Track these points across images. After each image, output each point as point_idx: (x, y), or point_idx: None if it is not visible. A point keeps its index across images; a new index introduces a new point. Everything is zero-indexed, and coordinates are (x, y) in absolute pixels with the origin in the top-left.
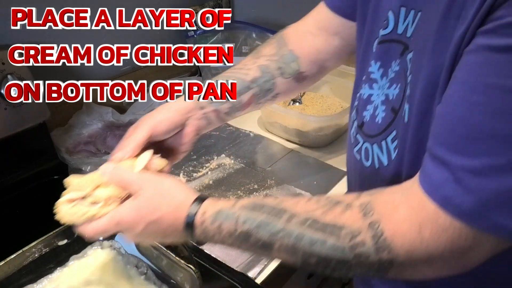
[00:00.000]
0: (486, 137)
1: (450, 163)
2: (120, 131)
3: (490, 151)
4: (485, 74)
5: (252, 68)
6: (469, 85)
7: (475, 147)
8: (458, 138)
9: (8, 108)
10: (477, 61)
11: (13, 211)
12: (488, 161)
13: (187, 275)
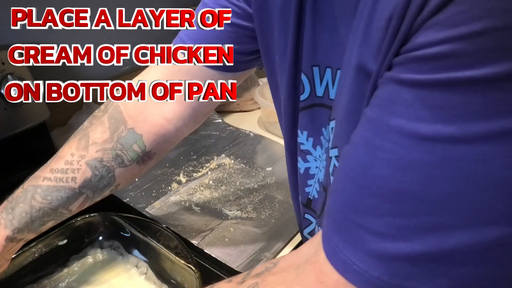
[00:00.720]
0: (388, 193)
1: (364, 226)
2: None
3: (395, 210)
4: (391, 113)
5: (80, 168)
6: (374, 124)
7: (376, 204)
8: (358, 191)
9: (8, 108)
10: (385, 97)
11: None
12: (394, 221)
13: (187, 275)
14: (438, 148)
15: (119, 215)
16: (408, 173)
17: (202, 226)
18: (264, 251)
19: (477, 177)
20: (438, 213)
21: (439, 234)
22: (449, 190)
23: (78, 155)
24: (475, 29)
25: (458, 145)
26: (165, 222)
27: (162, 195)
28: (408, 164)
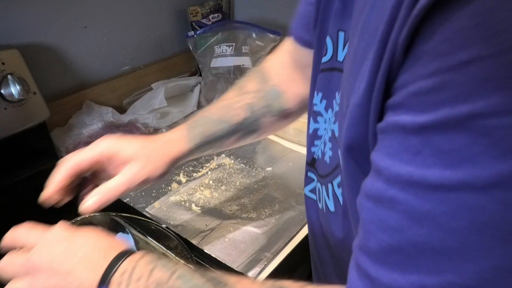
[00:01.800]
0: (412, 248)
1: (372, 277)
2: (120, 131)
3: (418, 266)
4: (401, 161)
5: (240, 108)
6: (385, 175)
7: (400, 260)
8: (380, 245)
9: (8, 108)
10: (392, 145)
11: (13, 211)
12: (418, 279)
13: None
14: (450, 197)
15: (119, 215)
16: (424, 226)
17: (202, 226)
18: (264, 251)
19: (495, 226)
20: (459, 270)
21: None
22: (468, 242)
23: (237, 99)
24: (463, 58)
25: (470, 192)
26: (165, 222)
27: (162, 195)
28: (423, 215)
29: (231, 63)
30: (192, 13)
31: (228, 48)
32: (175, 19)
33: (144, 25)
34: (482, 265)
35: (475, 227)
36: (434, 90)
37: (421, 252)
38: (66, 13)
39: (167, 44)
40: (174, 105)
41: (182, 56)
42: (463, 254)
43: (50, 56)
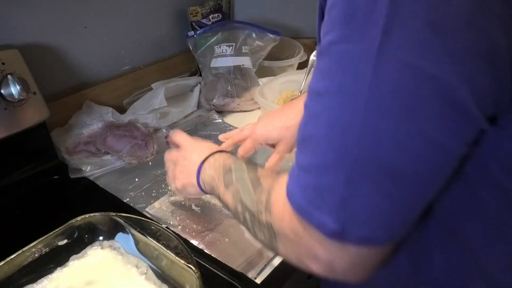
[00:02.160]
0: (308, 138)
1: (297, 161)
2: (120, 131)
3: (312, 150)
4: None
5: None
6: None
7: (305, 148)
8: (299, 139)
9: (8, 108)
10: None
11: (13, 211)
12: (311, 160)
13: (187, 275)
14: (321, 100)
15: (119, 215)
16: (310, 122)
17: (202, 226)
18: (264, 251)
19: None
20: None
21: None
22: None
23: None
24: (329, 5)
25: (323, 98)
26: (165, 222)
27: (162, 195)
28: (312, 114)
29: (231, 63)
30: (192, 13)
31: (228, 48)
32: (175, 19)
33: (144, 25)
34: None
35: (329, 122)
36: (323, 27)
37: (311, 141)
38: (66, 13)
39: (167, 44)
40: (174, 105)
41: (182, 56)
42: (326, 140)
43: (50, 56)
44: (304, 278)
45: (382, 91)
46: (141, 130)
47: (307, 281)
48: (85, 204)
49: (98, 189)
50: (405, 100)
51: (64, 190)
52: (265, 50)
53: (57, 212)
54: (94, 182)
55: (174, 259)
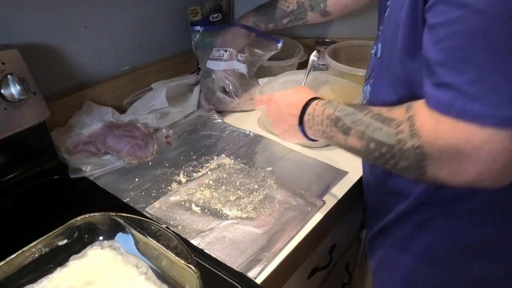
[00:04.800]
0: (470, 55)
1: (452, 83)
2: (120, 131)
3: (476, 63)
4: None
5: (292, 2)
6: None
7: (465, 66)
8: (452, 62)
9: (8, 108)
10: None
11: (13, 211)
12: (478, 72)
13: (187, 275)
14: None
15: (119, 215)
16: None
17: (202, 226)
18: (264, 251)
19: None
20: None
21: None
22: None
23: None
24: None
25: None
26: (165, 222)
27: (162, 195)
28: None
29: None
30: (192, 13)
31: (225, 53)
32: (175, 19)
33: (144, 25)
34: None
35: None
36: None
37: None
38: (66, 13)
39: (167, 44)
40: (174, 105)
41: (182, 56)
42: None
43: (50, 56)
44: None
45: None
46: (141, 130)
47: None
48: (85, 204)
49: (98, 189)
50: None
51: (64, 190)
52: (264, 56)
53: (57, 212)
54: (94, 182)
55: (174, 259)
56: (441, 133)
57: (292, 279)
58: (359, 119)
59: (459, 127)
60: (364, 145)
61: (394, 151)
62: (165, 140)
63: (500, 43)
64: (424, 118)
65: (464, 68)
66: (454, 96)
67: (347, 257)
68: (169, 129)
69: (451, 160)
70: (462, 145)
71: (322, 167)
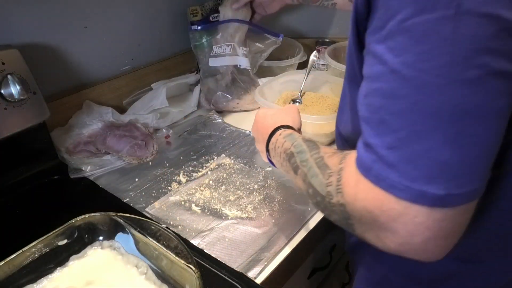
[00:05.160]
0: (388, 117)
1: (373, 144)
2: (120, 131)
3: (396, 126)
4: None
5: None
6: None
7: (385, 128)
8: (374, 124)
9: (8, 108)
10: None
11: (13, 211)
12: (398, 135)
13: (187, 275)
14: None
15: (119, 215)
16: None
17: (202, 226)
18: (264, 251)
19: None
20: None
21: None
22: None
23: None
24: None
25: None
26: (165, 222)
27: (162, 195)
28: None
29: (227, 63)
30: (192, 13)
31: (227, 47)
32: (175, 19)
33: (144, 25)
34: (427, 112)
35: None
36: (380, 15)
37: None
38: (66, 13)
39: (167, 44)
40: (174, 105)
41: (182, 56)
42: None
43: (50, 56)
44: (304, 278)
45: (465, 45)
46: (141, 130)
47: (306, 281)
48: (85, 204)
49: (98, 189)
50: (488, 46)
51: (64, 190)
52: (266, 52)
53: (57, 212)
54: (94, 182)
55: (174, 259)
56: (359, 195)
57: (292, 279)
58: (306, 160)
59: (376, 193)
60: (305, 189)
61: (325, 203)
62: (165, 140)
63: (415, 110)
64: (349, 175)
65: (384, 131)
66: (374, 160)
67: (347, 257)
68: (169, 129)
69: (371, 225)
70: (378, 213)
71: None
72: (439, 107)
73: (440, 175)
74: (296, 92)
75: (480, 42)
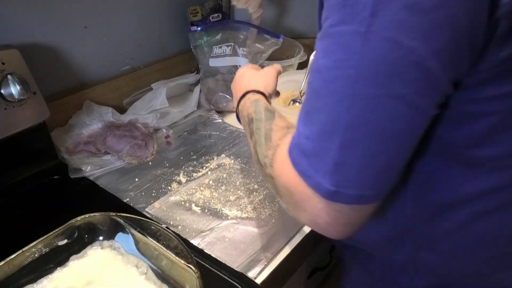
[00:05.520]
0: (310, 110)
1: (299, 130)
2: (120, 131)
3: (313, 121)
4: (314, 59)
5: None
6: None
7: (308, 119)
8: (303, 113)
9: (8, 108)
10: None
11: (13, 211)
12: (312, 129)
13: (187, 275)
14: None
15: (119, 215)
16: (311, 97)
17: (202, 226)
18: (264, 251)
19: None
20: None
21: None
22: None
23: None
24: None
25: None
26: (165, 222)
27: (162, 195)
28: (313, 90)
29: (228, 63)
30: (192, 13)
31: (227, 48)
32: (175, 19)
33: (144, 25)
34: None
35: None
36: (323, 13)
37: (311, 112)
38: (66, 13)
39: (167, 44)
40: (174, 105)
41: (182, 56)
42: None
43: (50, 56)
44: (304, 278)
45: (369, 64)
46: (141, 130)
47: (306, 281)
48: (85, 204)
49: (98, 189)
50: (389, 69)
51: (64, 190)
52: (266, 52)
53: (57, 212)
54: (94, 182)
55: (174, 259)
56: (283, 173)
57: (292, 279)
58: (259, 128)
59: (294, 174)
60: (253, 154)
61: (262, 171)
62: (165, 140)
63: (326, 112)
64: (281, 153)
65: (307, 122)
66: (295, 144)
67: None
68: (169, 129)
69: (290, 201)
70: (293, 192)
71: None
72: (340, 114)
73: (334, 173)
74: (296, 92)
75: (382, 63)
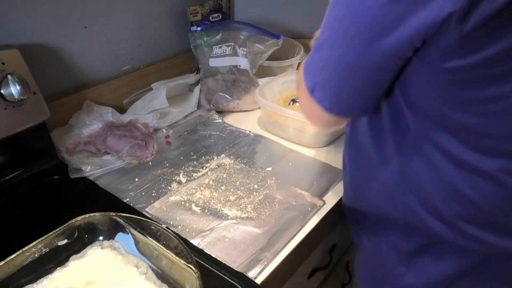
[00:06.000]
0: (317, 47)
1: (312, 47)
2: (120, 131)
3: (318, 41)
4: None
5: None
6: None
7: (318, 39)
8: (321, 31)
9: (8, 108)
10: None
11: (13, 211)
12: (315, 45)
13: (187, 275)
14: (325, 29)
15: (119, 215)
16: (319, 44)
17: (202, 226)
18: (264, 251)
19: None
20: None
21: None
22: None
23: None
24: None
25: (326, 26)
26: (165, 222)
27: (162, 195)
28: (321, 36)
29: (228, 63)
30: (192, 13)
31: (227, 48)
32: (175, 19)
33: (144, 25)
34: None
35: (328, 38)
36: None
37: (317, 48)
38: (66, 13)
39: (167, 44)
40: (174, 105)
41: (182, 56)
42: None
43: (50, 56)
44: (304, 278)
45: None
46: (141, 130)
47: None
48: (85, 204)
49: (98, 189)
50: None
51: (64, 190)
52: (266, 53)
53: (57, 212)
54: (94, 182)
55: (174, 259)
56: (301, 85)
57: (292, 279)
58: None
59: (305, 89)
60: None
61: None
62: (165, 140)
63: (328, 40)
64: (302, 69)
65: (317, 41)
66: (307, 62)
67: (347, 257)
68: (169, 129)
69: (302, 97)
70: (299, 84)
71: (322, 167)
72: (336, 53)
73: (316, 76)
74: (296, 92)
75: (373, 13)
